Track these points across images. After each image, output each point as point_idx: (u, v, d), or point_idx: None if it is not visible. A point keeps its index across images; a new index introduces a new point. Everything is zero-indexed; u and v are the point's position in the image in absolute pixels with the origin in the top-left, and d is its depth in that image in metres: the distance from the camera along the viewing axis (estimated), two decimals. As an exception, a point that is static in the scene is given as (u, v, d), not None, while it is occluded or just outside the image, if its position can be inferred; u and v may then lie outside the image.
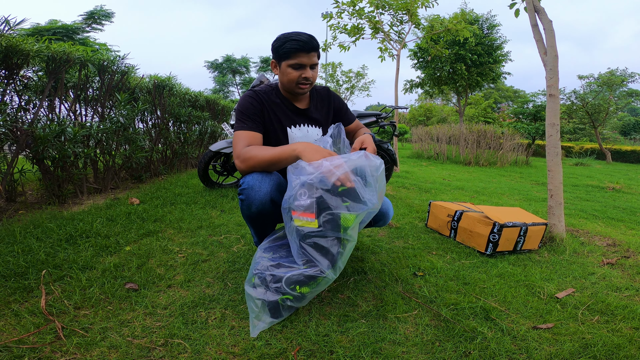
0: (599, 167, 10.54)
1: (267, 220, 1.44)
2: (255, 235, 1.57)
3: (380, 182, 1.28)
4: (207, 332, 1.18)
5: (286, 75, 1.46)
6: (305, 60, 1.42)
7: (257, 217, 1.40)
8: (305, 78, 1.45)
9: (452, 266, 1.80)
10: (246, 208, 1.37)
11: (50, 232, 1.92)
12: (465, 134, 9.54)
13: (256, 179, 1.35)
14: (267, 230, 1.52)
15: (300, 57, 1.41)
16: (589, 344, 1.19)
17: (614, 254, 2.12)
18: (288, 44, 1.40)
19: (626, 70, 14.40)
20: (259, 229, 1.50)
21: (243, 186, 1.37)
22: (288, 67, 1.44)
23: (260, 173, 1.37)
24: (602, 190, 5.28)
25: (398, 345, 1.16)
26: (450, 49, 12.70)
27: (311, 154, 1.24)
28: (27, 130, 2.35)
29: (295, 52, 1.40)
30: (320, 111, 1.65)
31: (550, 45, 2.26)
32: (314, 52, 1.44)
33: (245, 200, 1.36)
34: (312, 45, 1.41)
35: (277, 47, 1.43)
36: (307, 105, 1.61)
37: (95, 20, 13.49)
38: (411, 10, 5.51)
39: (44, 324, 1.16)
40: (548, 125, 2.28)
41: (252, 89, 1.61)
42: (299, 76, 1.45)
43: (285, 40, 1.41)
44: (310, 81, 1.48)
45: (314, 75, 1.48)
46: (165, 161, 4.36)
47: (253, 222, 1.45)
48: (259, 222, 1.44)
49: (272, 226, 1.53)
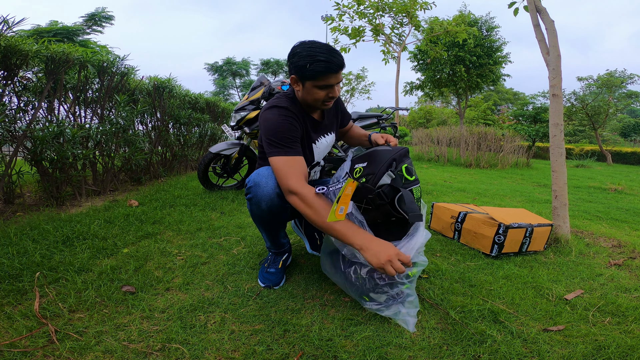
0: (600, 168, 10.50)
1: (278, 218, 1.41)
2: (268, 240, 1.54)
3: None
4: (206, 336, 1.14)
5: (312, 95, 1.37)
6: (333, 80, 1.34)
7: (268, 215, 1.37)
8: (332, 97, 1.38)
9: (457, 268, 1.76)
10: (256, 207, 1.35)
11: (46, 234, 1.88)
12: (466, 136, 9.50)
13: (262, 175, 1.33)
14: (279, 232, 1.49)
15: (329, 78, 1.32)
16: (602, 346, 1.15)
17: (620, 255, 2.09)
18: (316, 65, 1.28)
19: (625, 72, 14.42)
20: (271, 230, 1.47)
21: (249, 184, 1.35)
22: (314, 88, 1.35)
23: (266, 169, 1.36)
24: (604, 192, 5.25)
25: (404, 349, 1.12)
26: (450, 50, 12.72)
27: (373, 258, 1.13)
28: (24, 132, 2.32)
29: (325, 74, 1.31)
30: (330, 117, 1.63)
31: (552, 45, 2.23)
32: (341, 69, 1.35)
33: (254, 198, 1.33)
34: (339, 64, 1.31)
35: (302, 67, 1.30)
36: (321, 115, 1.57)
37: (95, 22, 13.50)
38: (411, 13, 5.51)
39: (37, 327, 1.13)
40: (552, 125, 2.25)
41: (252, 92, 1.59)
42: (325, 95, 1.37)
43: (312, 60, 1.28)
44: (336, 98, 1.42)
45: (338, 91, 1.41)
46: (165, 163, 4.32)
47: (264, 222, 1.41)
48: (270, 221, 1.41)
49: (283, 226, 1.50)
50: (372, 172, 1.28)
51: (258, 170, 1.39)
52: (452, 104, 23.06)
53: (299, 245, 2.02)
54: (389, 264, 1.11)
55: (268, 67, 28.82)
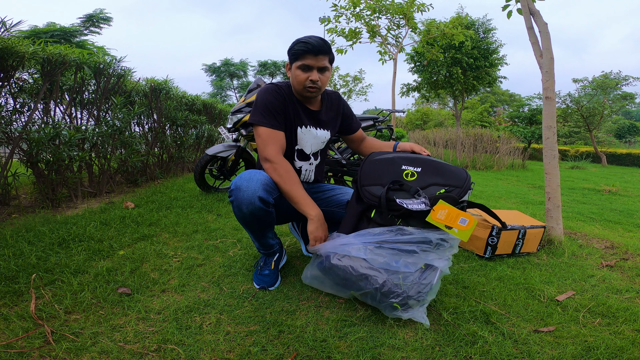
0: (595, 170, 10.59)
1: (261, 222, 1.43)
2: (255, 241, 1.55)
3: None
4: (201, 337, 1.15)
5: (295, 77, 1.47)
6: (312, 62, 1.42)
7: (250, 218, 1.39)
8: (312, 81, 1.45)
9: (451, 270, 1.78)
10: (237, 210, 1.39)
11: (42, 236, 1.88)
12: (462, 138, 9.56)
13: (244, 179, 1.38)
14: (264, 233, 1.50)
15: (308, 59, 1.42)
16: (592, 347, 1.17)
17: (612, 256, 2.11)
18: (297, 45, 1.42)
19: (620, 74, 14.54)
20: (256, 232, 1.48)
21: (231, 187, 1.40)
22: (297, 69, 1.45)
23: (249, 172, 1.41)
24: (599, 193, 5.30)
25: (397, 350, 1.13)
26: (447, 52, 12.78)
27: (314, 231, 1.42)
28: (20, 134, 2.32)
29: (302, 54, 1.42)
30: (330, 114, 1.66)
31: (545, 47, 2.26)
32: (323, 55, 1.43)
33: (235, 201, 1.38)
34: (320, 48, 1.41)
35: (289, 49, 1.46)
36: (319, 107, 1.62)
37: (93, 23, 13.47)
38: (408, 15, 5.54)
39: (33, 328, 1.13)
40: (545, 128, 2.27)
41: (249, 94, 1.62)
42: (306, 78, 1.45)
43: (296, 42, 1.44)
44: (318, 85, 1.47)
45: (322, 79, 1.47)
46: (162, 165, 4.33)
47: (247, 224, 1.44)
48: (253, 224, 1.43)
49: (269, 228, 1.51)
50: (454, 185, 1.34)
51: (241, 174, 1.43)
52: (449, 106, 23.15)
53: (295, 247, 2.04)
54: (319, 240, 1.40)
55: (265, 69, 28.82)
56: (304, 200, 1.42)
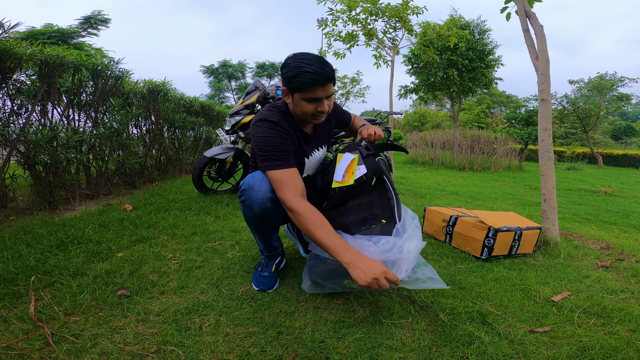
0: (591, 171, 10.65)
1: (270, 222, 1.43)
2: (261, 243, 1.55)
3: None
4: (201, 338, 1.16)
5: (300, 108, 1.35)
6: (320, 93, 1.30)
7: (261, 218, 1.39)
8: (321, 111, 1.36)
9: (448, 271, 1.80)
10: (249, 210, 1.37)
11: (40, 238, 1.88)
12: (460, 140, 9.60)
13: (256, 179, 1.35)
14: (271, 235, 1.51)
15: (316, 91, 1.29)
16: (587, 347, 1.19)
17: (608, 257, 2.13)
18: (301, 77, 1.26)
19: (615, 75, 14.65)
20: (263, 233, 1.49)
21: (243, 187, 1.37)
22: (302, 100, 1.32)
23: (260, 173, 1.37)
24: (595, 194, 5.33)
25: (395, 350, 1.15)
26: (443, 54, 12.84)
27: (359, 275, 1.12)
28: (18, 136, 2.32)
29: (311, 87, 1.28)
30: (323, 130, 1.61)
31: (541, 50, 2.28)
32: (330, 82, 1.31)
33: (247, 201, 1.35)
34: (327, 76, 1.28)
35: (290, 79, 1.29)
36: (313, 128, 1.55)
37: (91, 24, 13.47)
38: (403, 17, 5.57)
39: (33, 330, 1.14)
40: (540, 130, 2.29)
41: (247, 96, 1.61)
42: (314, 109, 1.34)
43: (298, 71, 1.26)
44: (327, 113, 1.38)
45: (329, 105, 1.37)
46: (160, 167, 4.32)
47: (257, 225, 1.43)
48: (263, 224, 1.43)
49: (276, 229, 1.52)
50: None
51: (252, 173, 1.40)
52: (447, 107, 23.23)
53: (293, 250, 2.04)
54: (375, 282, 1.10)
55: (263, 70, 28.86)
56: (337, 247, 1.19)
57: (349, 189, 1.41)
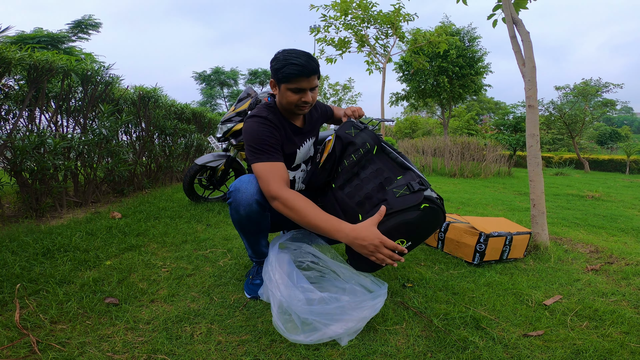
0: (578, 176, 10.84)
1: (257, 225, 1.42)
2: (249, 247, 1.54)
3: None
4: (192, 347, 1.13)
5: (285, 98, 1.42)
6: (305, 84, 1.38)
7: (246, 221, 1.38)
8: (305, 102, 1.42)
9: (440, 277, 1.80)
10: (234, 212, 1.37)
11: (26, 246, 1.84)
12: (450, 146, 9.70)
13: (243, 181, 1.37)
14: (258, 239, 1.49)
15: (300, 81, 1.37)
16: (581, 349, 1.19)
17: (597, 260, 2.16)
18: (287, 68, 1.34)
19: (600, 81, 15.02)
20: (250, 237, 1.47)
21: (231, 189, 1.39)
22: (287, 91, 1.40)
23: (248, 176, 1.40)
24: (582, 199, 5.42)
25: (389, 357, 1.13)
26: (433, 61, 13.01)
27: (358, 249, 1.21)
28: (4, 142, 2.27)
29: (295, 77, 1.36)
30: (311, 123, 1.67)
31: (528, 56, 2.32)
32: (314, 75, 1.39)
33: (233, 203, 1.37)
34: (312, 69, 1.37)
35: (277, 70, 1.38)
36: (302, 121, 1.61)
37: (82, 29, 13.36)
38: (395, 24, 5.65)
39: (18, 337, 1.10)
40: (528, 136, 2.33)
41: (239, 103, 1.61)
42: (298, 99, 1.41)
43: (285, 63, 1.35)
44: (310, 103, 1.45)
45: (313, 97, 1.44)
46: (150, 174, 4.27)
47: (243, 227, 1.42)
48: (249, 227, 1.42)
49: (263, 234, 1.50)
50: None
51: (241, 177, 1.42)
52: (437, 114, 23.51)
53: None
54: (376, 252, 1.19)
55: (256, 77, 28.90)
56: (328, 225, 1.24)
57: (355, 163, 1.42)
